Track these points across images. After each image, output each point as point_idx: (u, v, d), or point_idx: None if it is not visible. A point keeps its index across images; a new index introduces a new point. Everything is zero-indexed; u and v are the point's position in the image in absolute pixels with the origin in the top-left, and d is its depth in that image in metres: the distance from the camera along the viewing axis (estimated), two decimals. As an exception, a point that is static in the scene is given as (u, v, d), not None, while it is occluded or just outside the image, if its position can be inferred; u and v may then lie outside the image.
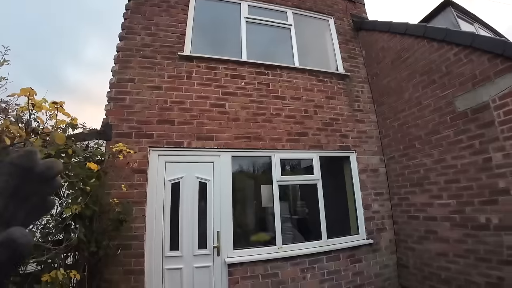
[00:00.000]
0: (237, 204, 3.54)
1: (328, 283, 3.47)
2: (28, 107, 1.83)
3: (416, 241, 3.63)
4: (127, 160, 2.97)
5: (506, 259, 2.63)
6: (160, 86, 3.47)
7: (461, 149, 3.11)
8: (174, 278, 3.06)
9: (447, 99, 3.27)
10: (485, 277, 2.80)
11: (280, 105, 3.88)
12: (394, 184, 4.07)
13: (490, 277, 2.76)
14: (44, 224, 2.16)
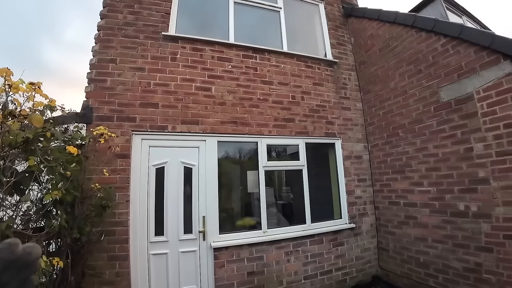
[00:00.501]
0: (223, 189, 3.56)
1: (312, 266, 3.62)
2: (4, 88, 1.74)
3: (396, 226, 3.81)
4: (109, 144, 2.89)
5: (484, 246, 2.78)
6: (143, 67, 3.35)
7: (443, 139, 3.24)
8: (159, 263, 3.08)
9: (432, 89, 3.37)
10: (463, 262, 2.97)
11: (267, 90, 3.87)
12: (377, 171, 4.21)
13: (467, 263, 2.93)
14: (24, 211, 2.09)
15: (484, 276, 2.76)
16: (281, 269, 3.45)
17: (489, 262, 2.73)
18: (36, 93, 1.92)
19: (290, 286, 3.45)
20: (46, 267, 1.81)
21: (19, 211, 1.99)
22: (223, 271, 3.20)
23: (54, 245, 2.38)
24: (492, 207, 2.73)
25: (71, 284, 2.30)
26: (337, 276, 3.74)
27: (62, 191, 2.15)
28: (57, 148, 2.28)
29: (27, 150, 1.94)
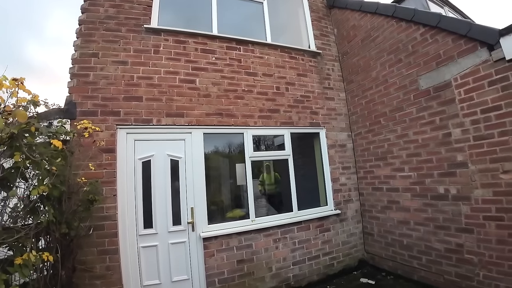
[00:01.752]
0: (212, 182, 3.67)
1: (299, 251, 3.78)
2: None
3: (380, 210, 4.01)
4: (93, 139, 2.92)
5: (464, 227, 2.95)
6: (125, 60, 3.36)
7: (422, 125, 3.40)
8: (149, 255, 3.16)
9: (411, 78, 3.52)
10: (445, 244, 3.14)
11: (252, 81, 3.95)
12: (360, 159, 4.41)
13: (449, 244, 3.10)
14: (12, 208, 2.11)
15: (466, 256, 2.93)
16: (270, 256, 3.60)
17: (470, 243, 2.89)
18: (19, 89, 1.95)
19: (279, 272, 3.61)
20: (36, 262, 1.85)
21: (7, 207, 2.02)
22: (213, 260, 3.31)
23: (44, 241, 2.41)
24: (471, 190, 2.89)
25: (62, 279, 2.34)
26: (324, 261, 3.93)
27: (49, 186, 2.18)
28: (42, 144, 2.30)
29: (12, 146, 1.96)
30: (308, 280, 3.77)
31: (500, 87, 2.61)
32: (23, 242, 1.94)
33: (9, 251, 1.93)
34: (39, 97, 2.27)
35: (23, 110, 1.98)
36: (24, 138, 2.04)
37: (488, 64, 2.70)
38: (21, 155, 1.94)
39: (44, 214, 2.16)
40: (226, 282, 3.32)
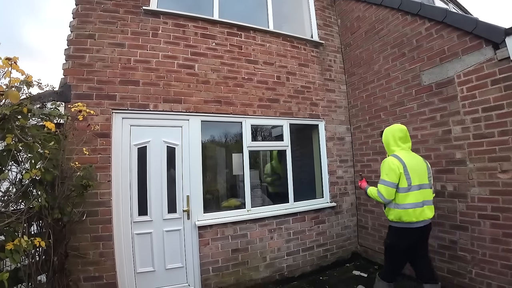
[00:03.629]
0: (208, 171, 3.65)
1: (294, 242, 3.82)
2: None
3: (375, 205, 4.05)
4: (88, 123, 2.86)
5: (459, 224, 2.97)
6: (122, 43, 3.25)
7: (422, 121, 3.39)
8: (144, 242, 3.16)
9: (414, 73, 3.49)
10: (438, 240, 3.17)
11: (252, 69, 3.89)
12: (358, 152, 4.42)
13: (443, 240, 3.13)
14: (3, 192, 2.07)
15: (459, 253, 2.97)
16: (265, 246, 3.63)
17: (464, 240, 2.92)
18: (12, 68, 1.87)
19: (273, 262, 3.66)
20: (27, 247, 1.82)
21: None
22: (208, 249, 3.33)
23: (36, 227, 2.38)
24: (468, 188, 2.90)
25: (54, 265, 2.33)
26: (318, 252, 3.99)
27: (41, 170, 2.13)
28: (35, 126, 2.24)
29: (4, 128, 1.90)
30: (302, 271, 3.83)
31: (503, 86, 2.60)
32: (15, 227, 1.90)
33: (0, 236, 1.89)
34: (33, 78, 2.21)
35: (16, 90, 1.92)
36: (17, 120, 1.98)
37: (492, 63, 2.69)
38: (13, 137, 1.89)
39: (36, 199, 2.12)
40: (220, 271, 3.35)
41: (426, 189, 2.53)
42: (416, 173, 2.49)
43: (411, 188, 2.45)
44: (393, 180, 2.46)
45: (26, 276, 2.06)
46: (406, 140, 2.69)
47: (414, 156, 2.65)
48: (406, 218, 2.44)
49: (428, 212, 2.49)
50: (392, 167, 2.48)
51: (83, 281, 2.78)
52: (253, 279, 3.50)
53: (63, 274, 2.47)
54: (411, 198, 2.44)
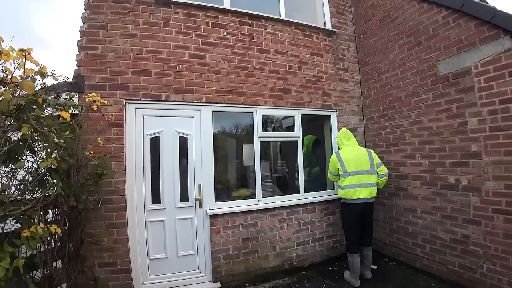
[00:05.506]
0: (219, 162, 3.61)
1: (304, 233, 3.77)
2: None
3: (386, 197, 3.93)
4: (102, 113, 2.86)
5: (472, 219, 2.86)
6: (134, 33, 3.20)
7: (438, 112, 3.24)
8: (157, 230, 3.18)
9: (430, 62, 3.31)
10: (450, 234, 3.07)
11: (263, 59, 3.76)
12: (371, 144, 4.26)
13: (455, 234, 3.03)
14: (20, 180, 2.09)
15: (471, 248, 2.86)
16: (275, 235, 3.59)
17: (477, 235, 2.82)
18: (26, 59, 1.85)
19: (283, 252, 3.62)
20: (43, 234, 1.83)
21: (14, 179, 1.99)
22: (219, 237, 3.32)
23: (52, 214, 2.41)
24: (482, 181, 2.78)
25: (69, 251, 2.36)
26: (328, 243, 3.92)
27: (57, 159, 2.14)
28: (50, 116, 2.25)
29: (19, 118, 1.91)
30: (311, 261, 3.78)
31: (521, 78, 2.42)
32: (31, 215, 1.92)
33: (17, 224, 1.91)
34: (47, 69, 2.19)
35: (31, 81, 1.91)
36: (32, 111, 1.98)
37: (510, 53, 2.52)
38: (28, 127, 1.89)
39: (52, 187, 2.13)
40: (231, 259, 3.35)
41: (363, 175, 3.26)
42: (353, 163, 3.27)
43: (348, 174, 3.25)
44: (332, 169, 3.43)
45: (41, 262, 2.09)
46: (348, 138, 3.55)
47: (355, 150, 3.43)
48: (346, 196, 3.26)
49: (365, 192, 3.21)
50: (332, 161, 3.44)
51: (98, 267, 2.83)
52: (262, 268, 3.49)
53: (78, 260, 2.52)
54: (347, 181, 3.26)
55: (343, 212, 3.41)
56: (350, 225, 3.32)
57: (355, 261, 3.22)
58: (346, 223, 3.38)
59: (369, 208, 3.32)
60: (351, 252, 3.26)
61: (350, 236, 3.33)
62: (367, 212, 3.30)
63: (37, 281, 2.15)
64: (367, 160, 3.33)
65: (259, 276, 3.45)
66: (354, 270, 3.25)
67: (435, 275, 3.24)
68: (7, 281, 1.58)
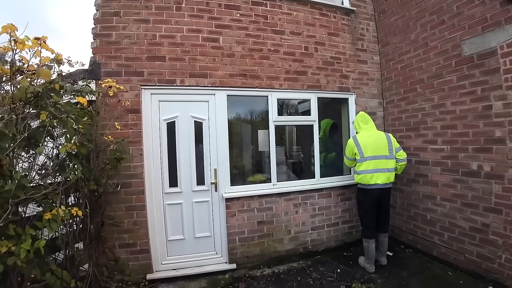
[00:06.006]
0: (234, 148, 3.56)
1: (319, 217, 3.71)
2: (10, 44, 1.68)
3: (405, 183, 3.77)
4: (118, 99, 2.87)
5: (493, 207, 2.72)
6: (147, 19, 3.13)
7: (462, 95, 3.01)
8: (174, 212, 3.24)
9: (454, 42, 3.06)
10: (470, 222, 2.94)
11: (278, 40, 3.59)
12: (390, 128, 4.05)
13: (474, 222, 2.89)
14: (41, 165, 2.14)
15: (490, 237, 2.74)
16: (290, 219, 3.56)
17: (497, 224, 2.68)
18: (42, 48, 1.85)
19: (298, 236, 3.60)
20: (65, 217, 1.88)
21: (35, 164, 2.04)
22: (234, 220, 3.34)
23: (73, 198, 2.49)
24: (505, 168, 2.62)
25: (91, 233, 2.44)
26: (343, 229, 3.85)
27: (76, 144, 2.18)
28: (68, 103, 2.27)
29: (38, 106, 1.93)
30: (326, 246, 3.73)
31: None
32: (52, 198, 1.96)
33: (39, 208, 1.97)
34: (62, 56, 2.20)
35: (47, 68, 1.92)
36: (50, 98, 2.00)
37: None
38: (47, 114, 1.91)
39: (72, 171, 2.18)
40: (246, 241, 3.37)
41: (381, 160, 3.14)
42: (370, 148, 3.15)
43: (365, 159, 3.15)
44: (349, 154, 3.32)
45: (63, 244, 2.17)
46: (366, 121, 3.41)
47: (373, 134, 3.29)
48: (363, 181, 3.17)
49: (382, 178, 3.10)
50: (348, 146, 3.32)
51: (118, 248, 2.93)
52: (277, 251, 3.49)
53: (99, 241, 2.60)
54: (364, 166, 3.16)
55: (359, 197, 3.33)
56: (366, 211, 3.24)
57: (371, 246, 3.15)
58: (362, 208, 3.30)
59: (386, 193, 3.19)
60: (367, 237, 3.19)
61: (365, 221, 3.25)
62: (384, 197, 3.18)
63: (60, 262, 2.25)
64: (386, 144, 3.18)
65: (274, 258, 3.45)
66: (369, 256, 3.18)
67: (452, 264, 3.12)
68: (29, 262, 1.65)
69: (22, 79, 1.84)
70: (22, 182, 1.62)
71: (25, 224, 1.76)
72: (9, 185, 1.54)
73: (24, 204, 1.80)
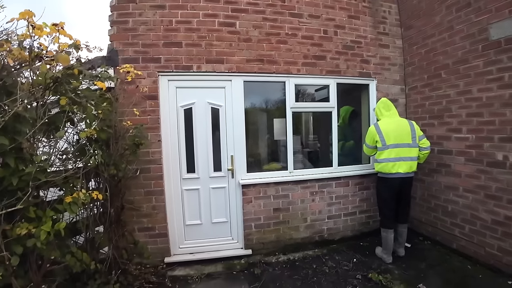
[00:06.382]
0: (250, 135, 3.45)
1: (336, 206, 3.59)
2: (28, 30, 1.65)
3: (426, 173, 3.56)
4: (136, 85, 2.84)
5: None
6: (163, 4, 3.04)
7: (488, 81, 2.78)
8: (192, 197, 3.24)
9: (481, 26, 2.80)
10: (492, 215, 2.76)
11: (296, 24, 3.39)
12: (413, 116, 3.80)
13: (497, 215, 2.71)
14: (62, 150, 2.15)
15: None
16: (306, 207, 3.47)
17: None
18: (60, 34, 1.81)
19: (314, 224, 3.51)
20: (85, 200, 1.88)
21: (56, 149, 2.03)
22: (251, 206, 3.29)
23: (94, 183, 2.50)
24: None
25: (111, 217, 2.45)
26: (360, 218, 3.71)
27: (96, 129, 2.17)
28: (87, 88, 2.25)
29: (57, 91, 1.91)
30: (342, 235, 3.62)
31: None
32: (73, 182, 1.97)
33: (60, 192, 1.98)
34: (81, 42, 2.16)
35: (65, 54, 1.89)
36: (69, 84, 1.98)
37: None
38: (67, 100, 1.89)
39: (93, 156, 2.18)
40: (262, 228, 3.33)
41: (403, 148, 2.95)
42: (393, 135, 2.97)
43: (387, 147, 2.97)
44: (369, 142, 3.14)
45: (84, 227, 2.18)
46: (388, 108, 3.19)
47: (396, 121, 3.09)
48: (384, 170, 3.00)
49: (404, 167, 2.94)
50: (369, 133, 3.14)
51: (137, 231, 2.96)
52: (293, 238, 3.42)
53: (119, 225, 2.61)
54: (385, 154, 2.98)
55: (379, 186, 3.17)
56: (385, 200, 3.10)
57: (389, 237, 3.02)
58: (381, 198, 3.16)
59: (407, 183, 3.03)
60: (385, 227, 3.05)
61: (385, 211, 3.12)
62: (404, 187, 3.02)
63: (80, 245, 2.27)
64: (409, 132, 2.99)
65: (289, 246, 3.39)
66: (387, 247, 3.05)
67: (471, 257, 2.96)
68: (49, 244, 1.65)
69: (41, 65, 1.83)
70: (42, 165, 1.61)
71: (46, 207, 1.77)
72: (29, 168, 1.53)
73: (45, 187, 1.81)
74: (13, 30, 1.77)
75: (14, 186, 1.52)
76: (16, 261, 1.52)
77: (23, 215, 1.60)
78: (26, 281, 1.68)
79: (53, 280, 1.89)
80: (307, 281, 2.76)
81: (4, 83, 1.56)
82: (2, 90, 1.56)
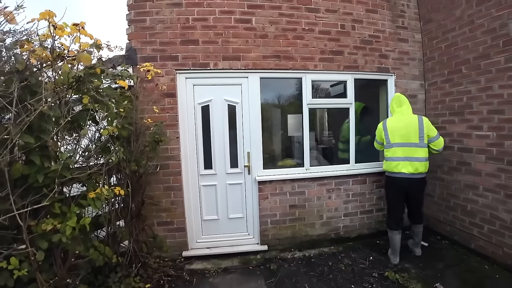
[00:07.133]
0: (264, 131, 3.34)
1: (352, 204, 3.45)
2: (49, 29, 1.63)
3: (446, 172, 3.35)
4: (155, 83, 2.81)
5: None
6: (180, 2, 2.97)
7: (510, 78, 2.59)
8: (209, 193, 3.20)
9: (502, 20, 2.60)
10: None
11: (313, 18, 3.23)
12: (432, 112, 3.58)
13: None
14: (84, 148, 2.15)
15: None
16: (322, 204, 3.35)
17: None
18: (81, 34, 1.79)
19: (330, 221, 3.38)
20: (108, 196, 1.87)
21: (79, 146, 2.03)
22: (267, 203, 3.21)
23: (115, 178, 2.49)
24: None
25: (132, 211, 2.45)
26: (377, 217, 3.55)
27: (118, 127, 2.14)
28: (109, 87, 2.24)
29: (80, 90, 1.89)
30: (358, 233, 3.48)
31: None
32: (96, 178, 1.96)
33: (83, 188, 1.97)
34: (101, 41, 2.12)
35: (87, 54, 1.85)
36: (91, 82, 1.95)
37: None
38: (89, 98, 1.86)
39: (115, 153, 2.16)
40: (277, 224, 3.24)
41: (410, 147, 2.74)
42: (398, 133, 2.79)
43: (391, 145, 2.83)
44: (378, 139, 3.03)
45: (106, 221, 2.17)
46: (400, 104, 2.92)
47: (405, 118, 2.83)
48: (388, 168, 2.88)
49: (409, 167, 2.71)
50: (378, 129, 3.03)
51: (157, 226, 2.96)
52: (308, 235, 3.32)
53: (139, 219, 2.61)
54: (390, 153, 2.84)
55: (386, 185, 3.00)
56: (391, 200, 2.94)
57: (394, 238, 2.84)
58: (387, 197, 3.01)
59: (415, 185, 2.76)
60: (390, 228, 2.88)
61: (391, 211, 2.96)
62: (412, 189, 2.77)
63: (101, 239, 2.26)
64: (417, 131, 2.74)
65: (305, 242, 3.30)
66: (393, 247, 2.89)
67: (489, 257, 2.79)
68: (74, 239, 1.63)
69: (63, 64, 1.80)
70: (67, 162, 1.58)
71: (70, 203, 1.75)
72: (55, 166, 1.51)
73: (69, 184, 1.79)
74: (34, 30, 1.73)
75: (40, 183, 1.50)
76: (42, 256, 1.51)
77: (48, 211, 1.58)
78: (50, 275, 1.67)
79: (77, 274, 1.88)
80: (323, 278, 2.67)
81: (29, 83, 1.53)
82: (26, 90, 1.53)
